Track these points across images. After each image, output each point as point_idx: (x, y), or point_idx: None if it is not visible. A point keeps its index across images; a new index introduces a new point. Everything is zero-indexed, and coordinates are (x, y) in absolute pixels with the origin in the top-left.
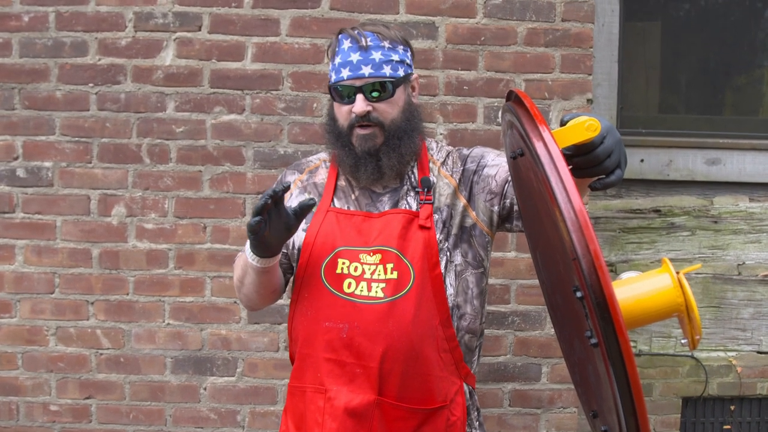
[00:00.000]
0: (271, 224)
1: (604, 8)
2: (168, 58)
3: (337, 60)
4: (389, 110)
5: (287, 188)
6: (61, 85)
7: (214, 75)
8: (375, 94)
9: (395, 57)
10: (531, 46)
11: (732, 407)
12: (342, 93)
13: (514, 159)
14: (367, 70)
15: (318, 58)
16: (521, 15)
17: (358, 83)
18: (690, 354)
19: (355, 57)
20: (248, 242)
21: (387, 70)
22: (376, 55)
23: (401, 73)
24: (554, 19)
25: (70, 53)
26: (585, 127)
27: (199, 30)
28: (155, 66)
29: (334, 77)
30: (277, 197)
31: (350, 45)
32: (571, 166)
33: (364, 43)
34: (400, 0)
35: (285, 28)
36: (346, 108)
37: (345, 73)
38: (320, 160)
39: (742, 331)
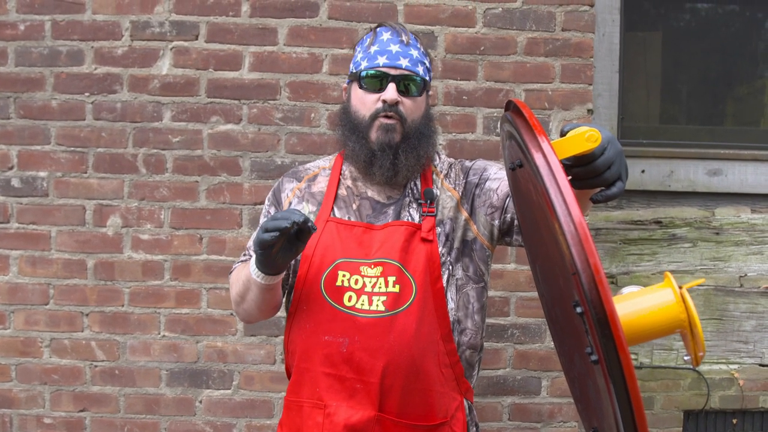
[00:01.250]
0: (280, 245)
1: (604, 18)
2: (164, 67)
3: (374, 48)
4: (413, 109)
5: (314, 230)
6: (57, 94)
7: (211, 84)
8: (406, 88)
9: (426, 63)
10: (531, 56)
11: (734, 420)
12: (372, 81)
13: (513, 170)
14: (404, 62)
15: (316, 68)
16: (521, 24)
17: (393, 72)
18: (692, 367)
19: (394, 47)
20: (253, 260)
21: (420, 70)
22: (414, 53)
23: (428, 78)
24: (554, 28)
25: (66, 62)
26: (585, 138)
27: (196, 39)
28: (152, 75)
29: (366, 64)
30: (303, 228)
31: (390, 36)
32: (570, 177)
33: (405, 39)
34: (399, 9)
35: (283, 37)
36: (372, 96)
37: (381, 60)
38: (319, 168)
39: (744, 343)
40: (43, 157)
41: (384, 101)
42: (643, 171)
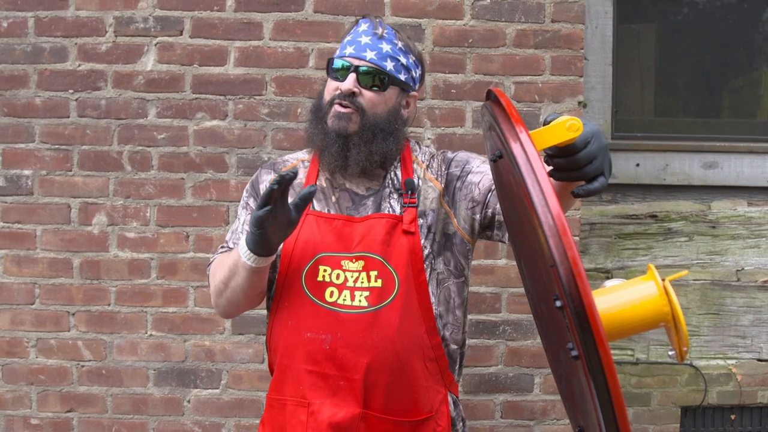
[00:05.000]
0: (276, 219)
1: (597, 10)
2: (149, 63)
3: (347, 38)
4: (375, 102)
5: (295, 175)
6: (41, 91)
7: (196, 80)
8: (368, 80)
9: (402, 60)
10: (520, 48)
11: (732, 416)
12: (337, 68)
13: (494, 162)
14: (369, 55)
15: (302, 62)
16: (510, 16)
17: (355, 62)
18: (689, 362)
19: (364, 39)
20: (243, 241)
21: (389, 65)
22: (385, 47)
23: (402, 77)
24: (544, 20)
25: (50, 59)
26: (566, 127)
27: (181, 34)
28: (136, 71)
29: (337, 53)
30: (285, 184)
31: (365, 28)
32: (552, 168)
33: (379, 31)
34: (386, 2)
35: (268, 31)
36: (334, 84)
37: (348, 50)
38: (298, 159)
39: (742, 338)
40: (27, 155)
41: (340, 89)
42: (637, 164)
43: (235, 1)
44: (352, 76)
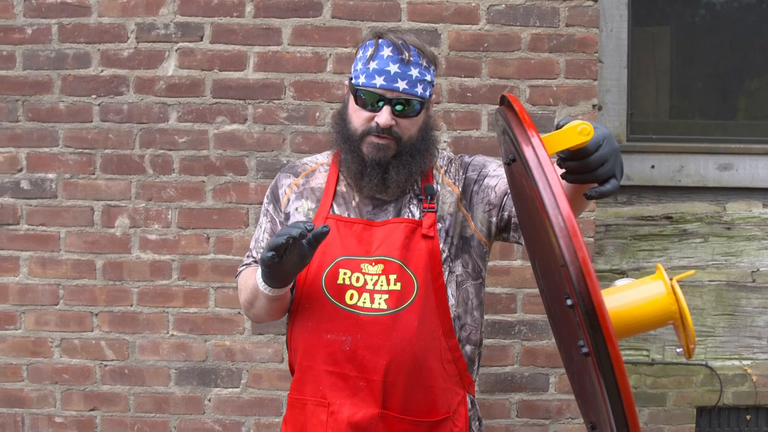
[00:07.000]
0: (286, 257)
1: (612, 14)
2: (170, 68)
3: (373, 65)
4: (409, 127)
5: (309, 232)
6: (64, 96)
7: (216, 85)
8: (401, 108)
9: (428, 78)
10: (535, 52)
11: (748, 417)
12: (367, 98)
13: (508, 165)
14: (402, 85)
15: (320, 67)
16: (525, 21)
17: (389, 95)
18: (704, 363)
19: (393, 68)
20: (259, 272)
21: (419, 89)
22: (414, 72)
23: (428, 94)
24: (558, 24)
25: (73, 65)
26: (578, 132)
27: (201, 40)
28: (157, 77)
29: (364, 80)
30: (299, 240)
31: (390, 54)
32: (564, 171)
33: (406, 57)
34: (402, 7)
35: (287, 37)
36: (366, 114)
37: (379, 80)
38: (317, 163)
39: (757, 339)
40: (51, 159)
41: (377, 123)
42: (652, 166)
43: (255, 7)
44: (387, 110)
